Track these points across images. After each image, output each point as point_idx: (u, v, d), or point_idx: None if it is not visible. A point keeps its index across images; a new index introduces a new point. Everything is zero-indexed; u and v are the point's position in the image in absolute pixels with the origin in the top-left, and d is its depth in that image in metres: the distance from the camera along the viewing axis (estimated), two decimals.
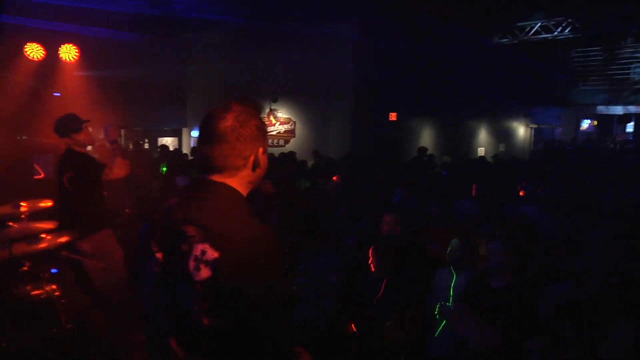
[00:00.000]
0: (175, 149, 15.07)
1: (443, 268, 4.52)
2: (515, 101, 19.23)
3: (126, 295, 4.61)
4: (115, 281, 4.64)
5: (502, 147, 19.68)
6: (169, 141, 17.33)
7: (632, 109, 19.62)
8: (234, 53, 14.42)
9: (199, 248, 1.72)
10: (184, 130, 17.35)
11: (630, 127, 21.19)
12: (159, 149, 13.88)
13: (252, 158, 1.89)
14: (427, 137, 17.27)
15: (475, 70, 16.35)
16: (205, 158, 1.85)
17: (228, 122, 1.83)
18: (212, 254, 1.69)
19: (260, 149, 1.92)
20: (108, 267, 4.56)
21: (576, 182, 9.41)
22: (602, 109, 20.51)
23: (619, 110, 20.04)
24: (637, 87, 19.37)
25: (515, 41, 16.92)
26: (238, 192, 1.88)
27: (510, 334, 3.53)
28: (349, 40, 14.32)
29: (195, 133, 16.37)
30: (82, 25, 11.28)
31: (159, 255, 1.89)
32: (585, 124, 22.23)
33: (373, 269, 4.50)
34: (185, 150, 15.78)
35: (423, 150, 14.00)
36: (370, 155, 13.58)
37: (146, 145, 17.02)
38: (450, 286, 4.29)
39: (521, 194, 7.16)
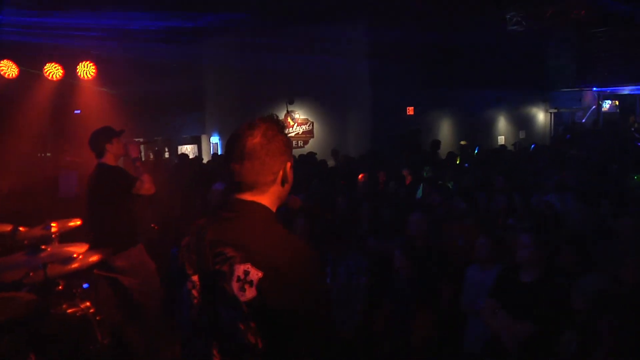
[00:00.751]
0: (196, 157, 15.18)
1: (472, 264, 4.51)
2: (533, 86, 18.99)
3: (160, 308, 4.68)
4: (149, 295, 4.69)
5: (522, 135, 19.45)
6: (188, 149, 17.43)
7: None
8: (249, 56, 14.46)
9: (240, 269, 1.72)
10: (203, 137, 17.44)
11: None
12: (176, 159, 13.97)
13: (281, 173, 1.91)
14: (446, 129, 17.17)
15: (491, 57, 16.19)
16: (235, 176, 1.86)
17: (256, 138, 1.84)
18: (255, 273, 1.70)
19: (289, 164, 1.94)
20: (142, 282, 4.61)
21: (600, 168, 9.26)
22: (623, 89, 20.13)
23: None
24: None
25: (529, 26, 16.67)
26: (269, 209, 1.90)
27: (543, 328, 3.51)
28: (363, 37, 14.30)
29: (214, 139, 16.47)
30: (98, 39, 11.42)
31: (195, 278, 1.88)
32: (607, 104, 21.83)
33: (401, 269, 4.50)
34: (205, 157, 15.87)
35: (436, 143, 13.89)
36: (390, 152, 13.52)
37: (166, 155, 17.15)
38: (480, 282, 4.27)
39: None
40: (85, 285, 4.50)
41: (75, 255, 3.89)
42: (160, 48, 13.19)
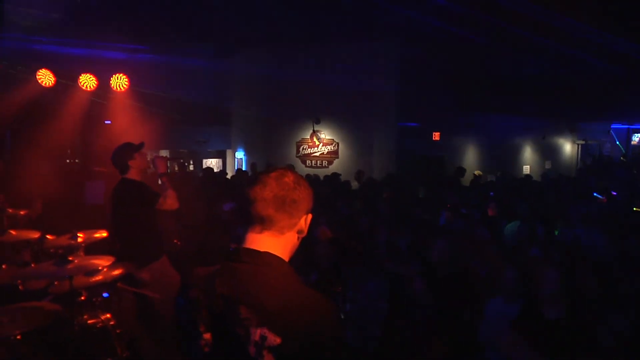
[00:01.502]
0: (220, 171, 15.31)
1: (494, 295, 4.44)
2: (560, 116, 18.82)
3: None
4: (170, 309, 4.71)
5: (548, 165, 19.25)
6: (213, 163, 17.59)
7: None
8: (277, 74, 14.59)
9: (257, 333, 1.64)
10: (228, 152, 17.59)
11: None
12: (200, 173, 14.11)
13: (301, 221, 1.86)
14: (471, 156, 17.08)
15: (519, 85, 16.11)
16: (258, 206, 1.78)
17: (289, 177, 1.83)
18: (273, 339, 1.62)
19: (309, 216, 1.90)
20: (164, 295, 4.63)
21: (627, 201, 9.13)
22: None
23: None
24: None
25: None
26: (282, 260, 1.81)
27: None
28: (391, 59, 14.34)
29: (239, 154, 16.59)
30: (131, 50, 11.69)
31: (207, 336, 1.80)
32: (636, 138, 21.50)
33: (420, 295, 4.46)
34: (230, 171, 16.00)
35: (461, 171, 13.80)
36: (414, 176, 13.48)
37: (191, 167, 17.35)
38: (502, 315, 4.21)
39: None
40: (105, 295, 4.55)
41: (100, 268, 3.94)
42: (190, 62, 13.42)
